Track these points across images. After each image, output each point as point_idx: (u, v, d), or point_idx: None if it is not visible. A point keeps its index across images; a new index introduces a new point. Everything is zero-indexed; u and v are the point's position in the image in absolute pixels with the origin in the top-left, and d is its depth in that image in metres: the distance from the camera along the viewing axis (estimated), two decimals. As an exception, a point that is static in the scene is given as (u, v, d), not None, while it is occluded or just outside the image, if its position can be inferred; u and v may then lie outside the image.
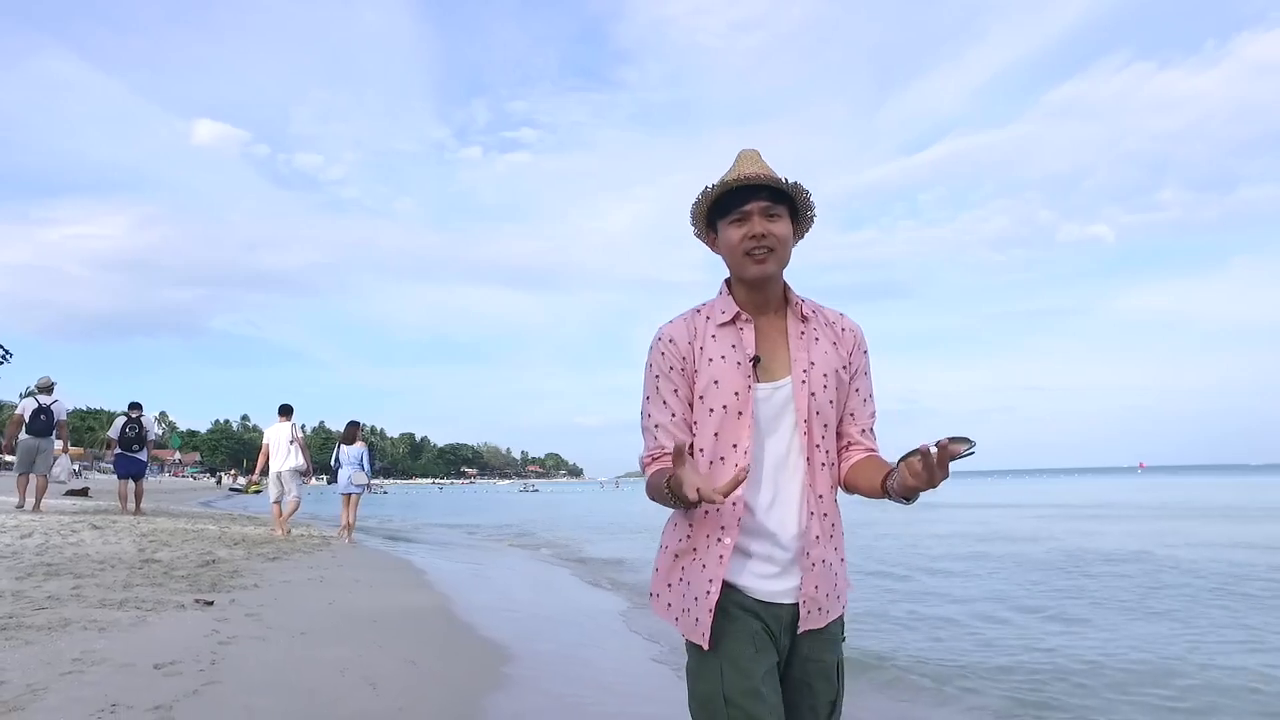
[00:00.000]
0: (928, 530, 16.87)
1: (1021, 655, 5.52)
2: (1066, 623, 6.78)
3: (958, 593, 8.55)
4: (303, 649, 4.21)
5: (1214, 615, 7.04)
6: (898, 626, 6.57)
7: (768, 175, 1.59)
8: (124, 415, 11.72)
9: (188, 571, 6.33)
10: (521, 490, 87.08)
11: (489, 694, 3.88)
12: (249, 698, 3.22)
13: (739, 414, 1.57)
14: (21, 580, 5.20)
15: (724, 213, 1.62)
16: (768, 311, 1.65)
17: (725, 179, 1.61)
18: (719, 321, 1.63)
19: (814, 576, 1.59)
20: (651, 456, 1.62)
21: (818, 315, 1.69)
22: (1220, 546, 12.77)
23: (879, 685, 4.78)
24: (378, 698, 3.50)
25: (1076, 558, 11.56)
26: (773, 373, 1.61)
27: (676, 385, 1.61)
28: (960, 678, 4.88)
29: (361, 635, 4.76)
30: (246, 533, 10.55)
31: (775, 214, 1.60)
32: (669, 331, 1.64)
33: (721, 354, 1.60)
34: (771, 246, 1.58)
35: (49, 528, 8.39)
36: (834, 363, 1.64)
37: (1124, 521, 19.59)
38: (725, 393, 1.57)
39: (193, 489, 48.83)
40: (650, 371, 1.64)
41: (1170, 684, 4.79)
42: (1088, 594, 8.24)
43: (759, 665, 1.52)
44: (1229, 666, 5.17)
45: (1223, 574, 9.51)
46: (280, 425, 10.64)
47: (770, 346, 1.63)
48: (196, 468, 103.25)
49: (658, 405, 1.62)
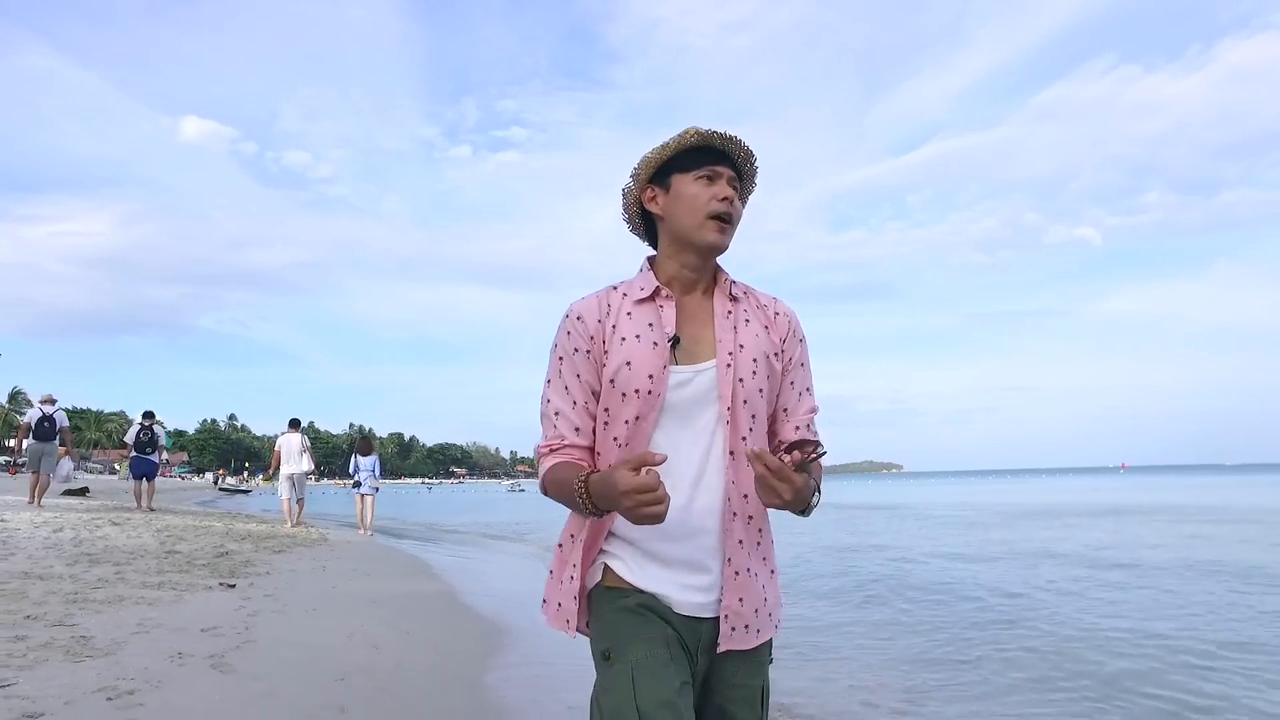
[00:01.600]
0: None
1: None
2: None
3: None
4: (315, 620, 5.10)
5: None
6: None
7: (747, 147, 1.47)
8: (138, 423, 13.24)
9: (206, 561, 7.20)
10: (510, 490, 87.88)
11: (478, 658, 4.78)
12: (278, 651, 4.11)
13: (653, 398, 1.38)
14: (71, 566, 6.08)
15: (686, 168, 1.45)
16: (695, 291, 1.49)
17: (711, 130, 1.44)
18: (636, 298, 1.45)
19: (737, 587, 1.40)
20: (550, 447, 1.44)
21: (749, 297, 1.52)
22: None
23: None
24: (380, 656, 4.39)
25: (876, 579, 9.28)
26: (695, 355, 1.42)
27: (580, 369, 1.42)
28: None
29: (363, 612, 5.65)
30: (250, 529, 11.43)
31: (736, 189, 1.48)
32: (578, 309, 1.45)
33: (636, 333, 1.41)
34: (733, 219, 1.45)
35: (76, 523, 9.26)
36: (765, 347, 1.45)
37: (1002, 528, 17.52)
38: (639, 376, 1.38)
39: (183, 489, 49.31)
40: (554, 353, 1.46)
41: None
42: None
43: (674, 675, 1.31)
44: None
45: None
46: (291, 435, 12.62)
47: (695, 328, 1.45)
48: (185, 467, 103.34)
49: (558, 390, 1.44)
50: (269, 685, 3.43)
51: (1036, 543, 13.19)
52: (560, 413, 1.44)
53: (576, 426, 1.44)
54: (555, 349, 1.47)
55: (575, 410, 1.44)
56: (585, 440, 1.45)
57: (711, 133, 1.44)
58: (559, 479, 1.39)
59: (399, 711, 3.34)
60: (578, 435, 1.45)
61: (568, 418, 1.44)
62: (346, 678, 3.72)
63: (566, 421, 1.44)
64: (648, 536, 1.39)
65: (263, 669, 3.68)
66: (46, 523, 9.22)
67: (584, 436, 1.45)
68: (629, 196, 1.54)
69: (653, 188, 1.49)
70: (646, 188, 1.50)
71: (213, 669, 3.57)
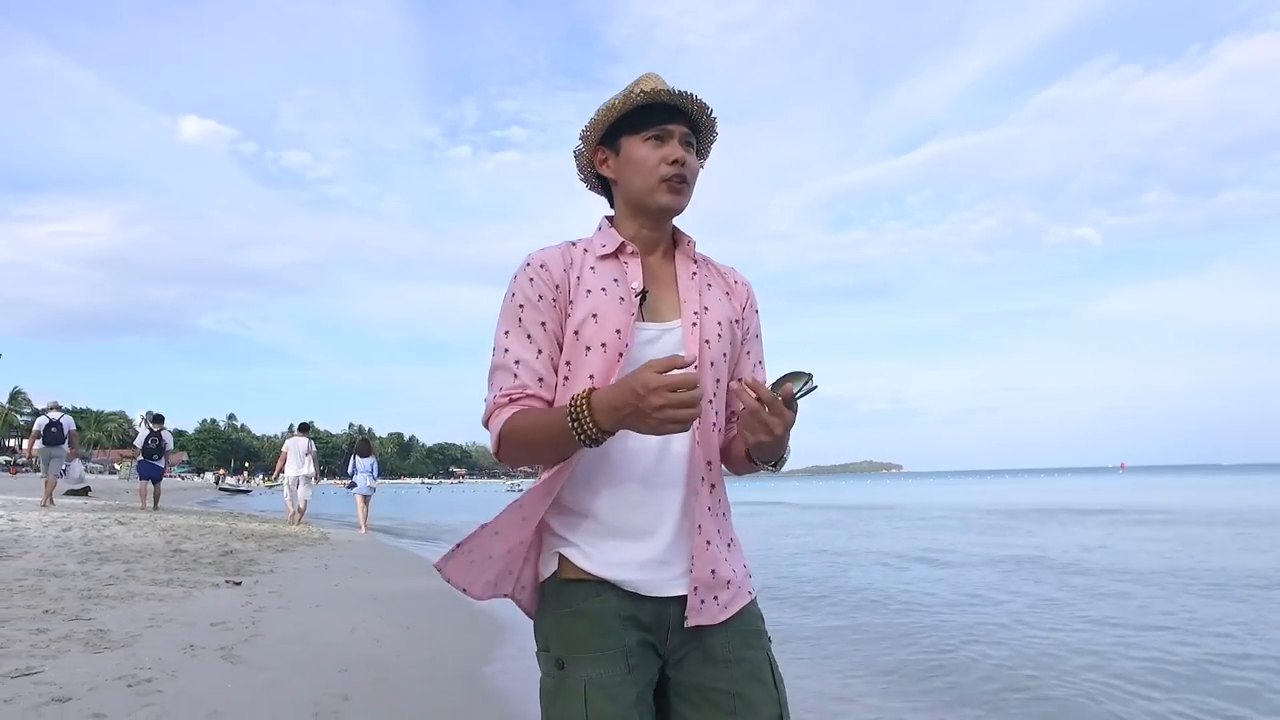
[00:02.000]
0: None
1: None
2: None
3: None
4: (319, 616, 5.31)
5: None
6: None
7: (699, 99, 1.38)
8: (147, 429, 13.75)
9: (212, 559, 7.42)
10: (509, 490, 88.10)
11: (476, 651, 5.00)
12: (284, 645, 4.33)
13: (619, 355, 1.31)
14: (83, 564, 6.29)
15: (636, 128, 1.37)
16: (655, 252, 1.44)
17: (656, 88, 1.35)
18: (599, 254, 1.38)
19: (708, 558, 1.32)
20: (510, 396, 1.31)
21: (709, 263, 1.49)
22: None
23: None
24: (381, 649, 4.61)
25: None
26: (660, 314, 1.37)
27: (545, 318, 1.33)
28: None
29: (364, 608, 5.87)
30: (253, 529, 11.66)
31: (692, 144, 1.40)
32: (540, 257, 1.37)
33: (602, 286, 1.34)
34: (687, 178, 1.38)
35: (84, 523, 9.49)
36: (728, 313, 1.42)
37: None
38: (605, 330, 1.31)
39: (183, 488, 49.53)
40: (513, 301, 1.35)
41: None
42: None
43: (630, 689, 1.25)
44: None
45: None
46: (298, 439, 13.25)
47: (658, 288, 1.40)
48: (184, 467, 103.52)
49: (519, 339, 1.33)
50: (276, 676, 3.65)
51: (1017, 548, 13.34)
52: (521, 361, 1.32)
53: (540, 377, 1.32)
54: (513, 297, 1.35)
55: (539, 360, 1.32)
56: (548, 393, 1.33)
57: (657, 90, 1.35)
58: (530, 423, 1.26)
59: (400, 700, 3.56)
60: (541, 386, 1.32)
61: (530, 366, 1.32)
62: (349, 669, 3.94)
63: (529, 370, 1.32)
64: (607, 508, 1.30)
65: (270, 660, 3.89)
66: (54, 522, 9.45)
67: (546, 389, 1.33)
68: (580, 159, 1.48)
69: (603, 149, 1.43)
70: (596, 149, 1.44)
71: (223, 660, 3.78)
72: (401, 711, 3.40)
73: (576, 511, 1.34)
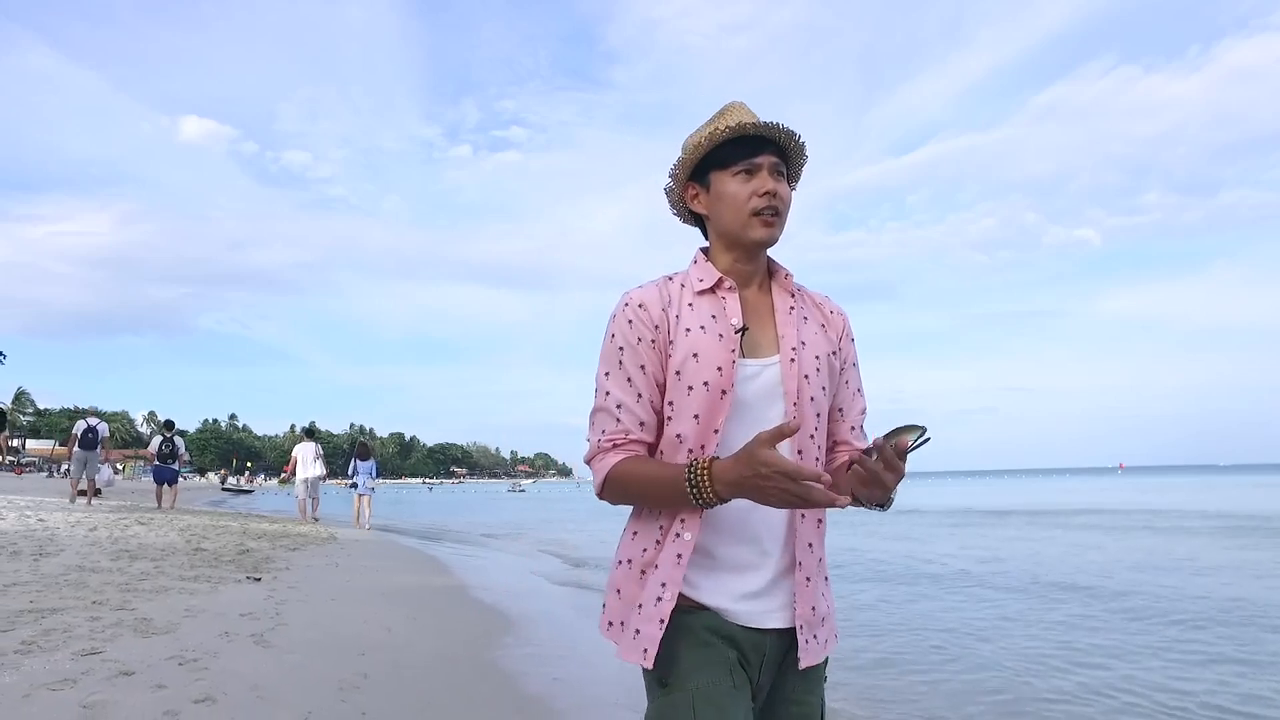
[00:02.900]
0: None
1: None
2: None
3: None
4: (335, 608, 5.83)
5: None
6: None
7: (785, 127, 1.38)
8: (161, 435, 14.67)
9: (231, 557, 7.94)
10: (510, 490, 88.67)
11: (477, 639, 5.51)
12: (306, 632, 4.84)
13: (722, 393, 1.31)
14: (115, 561, 6.81)
15: (724, 163, 1.38)
16: (751, 285, 1.43)
17: (741, 121, 1.36)
18: (696, 289, 1.39)
19: (810, 594, 1.34)
20: (613, 442, 1.34)
21: (804, 294, 1.49)
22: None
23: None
24: (392, 637, 5.11)
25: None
26: (759, 349, 1.37)
27: (645, 360, 1.34)
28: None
29: (375, 602, 6.38)
30: (264, 529, 12.18)
31: (782, 173, 1.40)
32: (638, 296, 1.38)
33: (701, 324, 1.35)
34: (780, 209, 1.38)
35: (108, 524, 10.03)
36: (825, 346, 1.42)
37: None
38: (707, 368, 1.32)
39: (187, 489, 49.99)
40: (613, 343, 1.37)
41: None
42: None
43: (738, 706, 1.26)
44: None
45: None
46: (306, 444, 14.58)
47: (756, 321, 1.39)
48: (187, 468, 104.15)
49: (620, 382, 1.35)
50: (303, 658, 4.16)
51: (988, 549, 13.83)
52: (623, 405, 1.34)
53: (642, 421, 1.34)
54: (613, 339, 1.37)
55: (640, 404, 1.34)
56: (650, 436, 1.36)
57: (743, 125, 1.36)
58: (641, 474, 1.30)
59: (411, 679, 4.07)
60: (643, 430, 1.35)
61: (632, 411, 1.34)
62: (366, 654, 4.45)
63: (631, 415, 1.34)
64: (712, 541, 1.32)
65: (295, 646, 4.40)
66: (79, 523, 9.98)
67: (649, 432, 1.35)
68: (671, 196, 1.50)
69: (694, 185, 1.45)
70: (688, 186, 1.45)
71: (255, 645, 4.29)
72: (416, 688, 3.91)
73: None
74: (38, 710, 2.89)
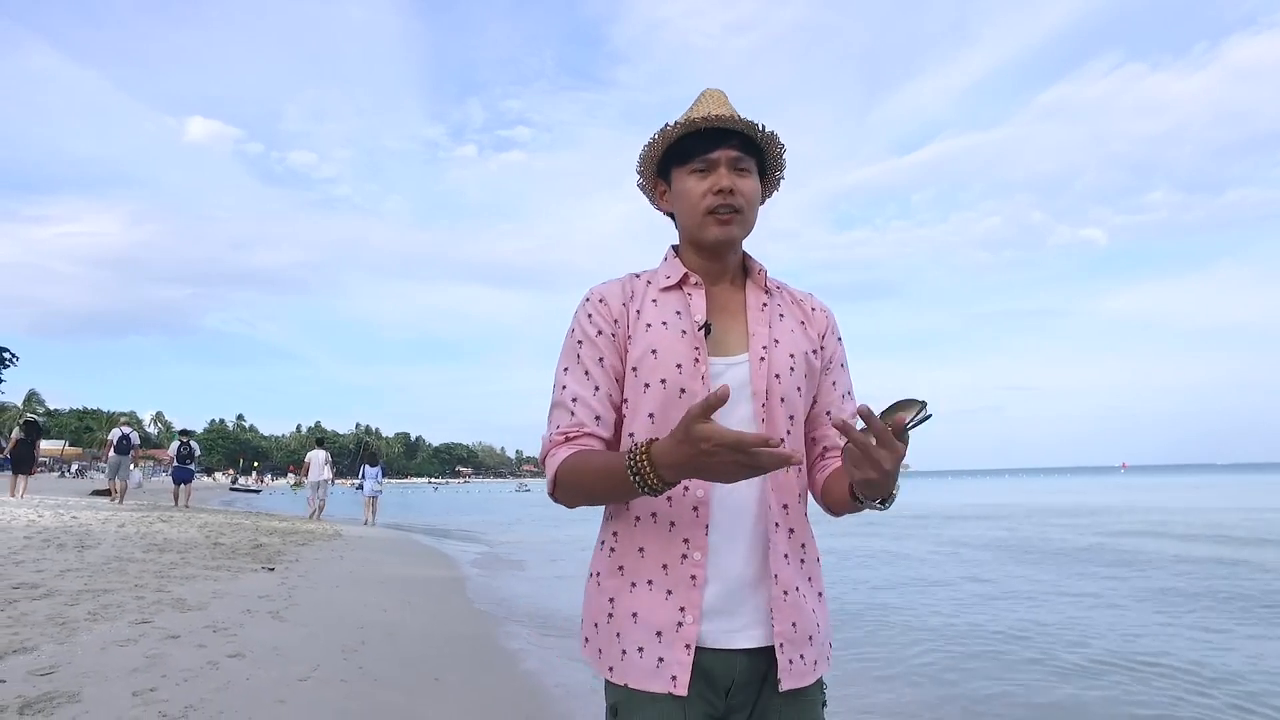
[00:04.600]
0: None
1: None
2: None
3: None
4: (340, 593, 6.75)
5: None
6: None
7: (740, 119, 1.30)
8: (178, 439, 16.32)
9: (247, 551, 8.87)
10: (516, 490, 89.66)
11: (460, 618, 6.42)
12: (315, 611, 5.75)
13: (681, 391, 1.25)
14: (146, 553, 7.76)
15: (683, 159, 1.32)
16: (723, 282, 1.37)
17: (691, 116, 1.31)
18: (662, 285, 1.34)
19: (789, 610, 1.23)
20: (566, 435, 1.27)
21: (782, 291, 1.42)
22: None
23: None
24: (387, 615, 6.02)
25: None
26: (727, 347, 1.30)
27: (603, 353, 1.29)
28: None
29: (374, 588, 7.30)
30: (274, 526, 13.16)
31: (744, 168, 1.32)
32: (599, 291, 1.34)
33: (663, 320, 1.30)
34: (738, 206, 1.30)
35: (134, 521, 11.02)
36: (802, 345, 1.34)
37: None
38: (665, 365, 1.26)
39: (195, 488, 51.13)
40: (572, 337, 1.33)
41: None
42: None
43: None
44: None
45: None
46: (317, 451, 16.60)
47: (726, 319, 1.33)
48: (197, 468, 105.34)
49: (578, 376, 1.29)
50: (312, 630, 5.07)
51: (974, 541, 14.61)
52: (579, 399, 1.29)
53: (598, 415, 1.29)
54: (573, 333, 1.34)
55: (596, 397, 1.29)
56: (607, 432, 1.30)
57: (691, 120, 1.31)
58: (587, 466, 1.22)
59: (402, 645, 4.97)
60: (599, 425, 1.29)
61: (588, 404, 1.28)
62: (364, 627, 5.36)
63: (587, 409, 1.28)
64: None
65: (306, 620, 5.32)
66: (108, 520, 10.96)
67: (605, 427, 1.30)
68: (645, 193, 1.46)
69: (661, 183, 1.40)
70: (656, 183, 1.41)
71: (273, 619, 5.21)
72: (404, 650, 4.81)
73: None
74: (114, 659, 3.80)
